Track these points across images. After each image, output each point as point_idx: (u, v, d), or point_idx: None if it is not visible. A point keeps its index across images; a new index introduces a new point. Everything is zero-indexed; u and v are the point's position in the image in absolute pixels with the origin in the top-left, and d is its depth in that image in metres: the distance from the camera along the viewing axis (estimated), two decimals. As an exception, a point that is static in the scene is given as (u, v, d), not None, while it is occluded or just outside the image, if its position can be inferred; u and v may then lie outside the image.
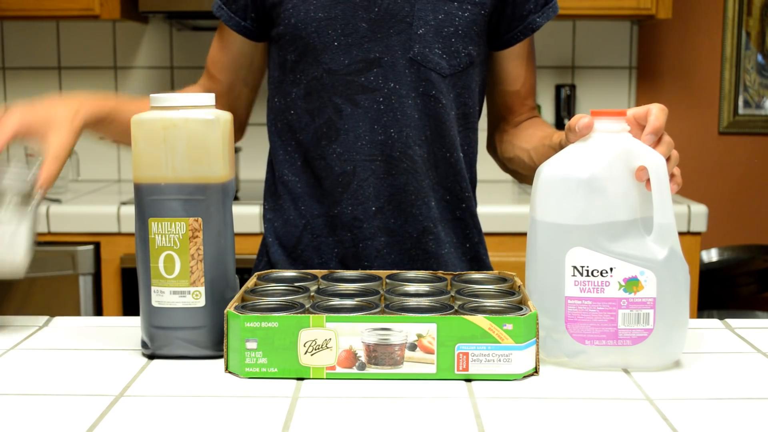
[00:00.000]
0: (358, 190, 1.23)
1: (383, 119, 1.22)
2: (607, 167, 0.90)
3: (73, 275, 2.27)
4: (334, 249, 1.26)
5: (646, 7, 2.48)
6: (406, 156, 1.23)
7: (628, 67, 2.85)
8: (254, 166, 2.84)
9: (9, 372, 0.91)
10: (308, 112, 1.24)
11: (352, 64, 1.21)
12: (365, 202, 1.24)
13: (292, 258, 1.30)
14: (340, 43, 1.21)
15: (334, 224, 1.25)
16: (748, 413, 0.80)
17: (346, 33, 1.21)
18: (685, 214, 2.30)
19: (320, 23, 1.21)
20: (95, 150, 2.83)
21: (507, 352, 0.87)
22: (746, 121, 2.84)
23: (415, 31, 1.20)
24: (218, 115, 0.94)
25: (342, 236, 1.25)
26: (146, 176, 0.93)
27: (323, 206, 1.26)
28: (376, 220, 1.24)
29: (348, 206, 1.24)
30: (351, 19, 1.20)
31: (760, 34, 2.81)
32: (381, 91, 1.21)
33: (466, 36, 1.22)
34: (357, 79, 1.21)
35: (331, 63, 1.22)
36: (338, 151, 1.23)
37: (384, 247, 1.25)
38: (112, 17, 2.48)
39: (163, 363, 0.94)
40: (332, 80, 1.22)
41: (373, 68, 1.21)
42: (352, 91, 1.22)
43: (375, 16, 1.20)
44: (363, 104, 1.22)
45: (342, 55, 1.21)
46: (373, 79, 1.21)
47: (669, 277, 0.90)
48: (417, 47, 1.21)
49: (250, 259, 2.27)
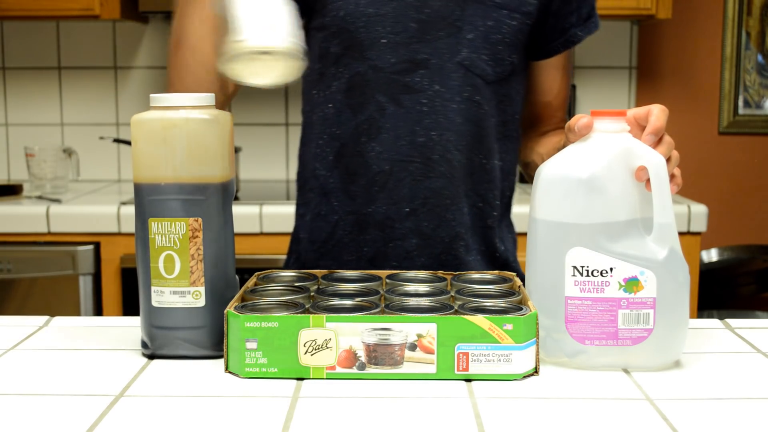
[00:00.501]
0: (394, 190, 1.22)
1: (425, 121, 1.21)
2: (607, 167, 0.90)
3: (73, 275, 2.27)
4: (363, 247, 1.25)
5: (646, 7, 2.48)
6: (445, 160, 1.22)
7: (628, 67, 2.85)
8: (254, 166, 2.84)
9: (9, 372, 0.91)
10: (349, 107, 1.23)
11: (399, 63, 1.20)
12: (399, 203, 1.22)
13: (321, 253, 1.28)
14: (389, 41, 1.19)
15: (366, 222, 1.24)
16: (748, 413, 0.80)
17: (395, 31, 1.19)
18: (685, 214, 2.31)
19: (370, 18, 1.19)
20: (95, 150, 2.83)
21: (507, 352, 0.87)
22: (746, 121, 2.85)
23: (465, 35, 1.19)
24: (218, 115, 0.94)
25: (373, 235, 1.24)
26: (146, 176, 0.93)
27: (356, 203, 1.24)
28: (408, 222, 1.23)
29: (382, 205, 1.23)
30: (401, 18, 1.19)
31: (760, 34, 2.81)
32: (425, 93, 1.20)
33: (511, 44, 1.22)
34: (402, 78, 1.20)
35: (377, 60, 1.20)
36: (377, 149, 1.22)
37: (414, 249, 1.24)
38: (112, 17, 2.48)
39: (163, 363, 0.94)
40: (377, 77, 1.21)
41: (419, 69, 1.20)
42: (397, 91, 1.20)
43: (425, 17, 1.19)
44: (406, 104, 1.21)
45: (389, 53, 1.20)
46: (418, 80, 1.20)
47: (669, 277, 0.90)
48: (465, 51, 1.20)
49: (250, 259, 2.29)
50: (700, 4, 2.82)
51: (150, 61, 2.82)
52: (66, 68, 2.83)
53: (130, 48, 2.82)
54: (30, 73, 2.83)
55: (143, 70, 2.82)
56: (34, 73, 2.83)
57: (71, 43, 2.81)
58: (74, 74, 2.83)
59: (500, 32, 1.21)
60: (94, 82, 2.83)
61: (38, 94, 2.84)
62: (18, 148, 2.84)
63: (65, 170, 2.57)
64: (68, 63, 2.82)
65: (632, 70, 2.85)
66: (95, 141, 2.83)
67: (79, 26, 2.80)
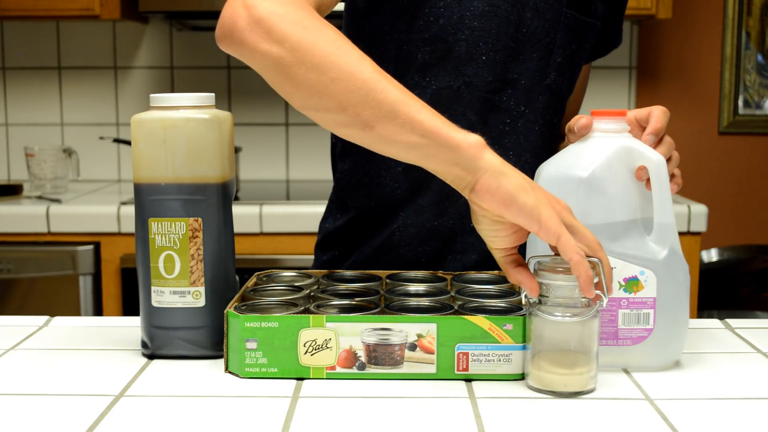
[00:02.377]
0: (464, 206, 1.16)
1: (505, 141, 1.18)
2: (607, 167, 0.90)
3: (73, 275, 2.27)
4: (422, 258, 1.21)
5: (646, 7, 2.48)
6: None
7: (628, 67, 2.84)
8: (254, 166, 2.84)
9: (9, 372, 0.91)
10: None
11: (494, 82, 1.16)
12: (465, 217, 1.18)
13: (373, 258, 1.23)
14: (489, 59, 1.15)
15: (429, 235, 1.20)
16: (748, 413, 0.80)
17: (496, 49, 1.15)
18: (685, 214, 2.30)
19: (473, 32, 1.14)
20: (95, 150, 2.83)
21: (507, 352, 0.87)
22: (746, 121, 2.84)
23: (555, 59, 1.18)
24: (218, 115, 0.94)
25: (433, 246, 1.20)
26: (146, 176, 0.93)
27: (421, 217, 1.20)
28: (471, 237, 1.19)
29: (449, 220, 1.19)
30: (503, 36, 1.15)
31: (760, 34, 2.81)
32: (510, 113, 1.17)
33: (580, 62, 1.23)
34: (492, 97, 1.17)
35: (474, 77, 1.15)
36: None
37: (473, 265, 1.20)
38: (112, 17, 2.48)
39: (163, 363, 0.94)
40: (470, 94, 1.16)
41: (508, 89, 1.17)
42: (486, 109, 1.17)
43: (522, 36, 1.16)
44: (490, 123, 1.17)
45: (487, 71, 1.15)
46: (505, 100, 1.17)
47: (669, 277, 0.90)
48: (553, 75, 1.18)
49: (250, 259, 2.29)
50: (700, 4, 2.82)
51: (150, 61, 2.82)
52: (66, 68, 2.83)
53: (130, 48, 2.82)
54: (30, 73, 2.83)
55: (143, 70, 2.82)
56: (34, 73, 2.83)
57: (71, 43, 2.81)
58: (74, 74, 2.83)
59: (580, 55, 1.21)
60: (94, 82, 2.83)
61: (38, 94, 2.84)
62: (18, 148, 2.84)
63: (65, 170, 2.57)
64: (68, 63, 2.82)
65: (632, 70, 2.85)
66: (95, 141, 2.82)
67: (79, 26, 2.80)
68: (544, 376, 0.84)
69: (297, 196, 2.56)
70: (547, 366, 0.84)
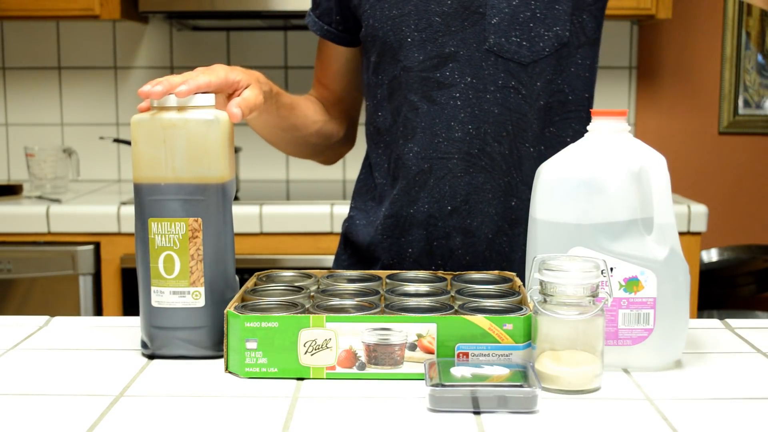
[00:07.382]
0: (435, 189, 1.20)
1: (460, 115, 1.18)
2: (607, 167, 0.90)
3: (73, 275, 2.27)
4: (408, 249, 1.23)
5: (646, 7, 2.48)
6: (484, 153, 1.19)
7: (628, 67, 2.84)
8: (254, 166, 2.84)
9: (9, 372, 0.91)
10: (391, 113, 1.23)
11: (427, 60, 1.18)
12: (441, 200, 1.20)
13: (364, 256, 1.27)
14: (414, 39, 1.18)
15: (409, 223, 1.22)
16: (748, 413, 0.80)
17: (419, 28, 1.18)
18: (685, 214, 2.30)
19: (395, 20, 1.19)
20: (95, 150, 2.83)
21: (507, 352, 0.87)
22: (746, 121, 2.84)
23: (489, 21, 1.16)
24: (218, 115, 0.94)
25: (416, 235, 1.22)
26: (146, 176, 0.93)
27: (395, 206, 1.23)
28: (452, 220, 1.20)
29: (424, 205, 1.21)
30: (424, 13, 1.18)
31: (760, 34, 2.81)
32: (457, 87, 1.18)
33: (547, 18, 1.17)
34: (432, 75, 1.18)
35: (406, 60, 1.19)
36: (415, 149, 1.20)
37: (459, 247, 1.21)
38: (112, 17, 2.48)
39: (163, 363, 0.94)
40: (408, 78, 1.19)
41: (449, 63, 1.18)
42: (428, 88, 1.19)
43: (448, 9, 1.17)
44: (439, 101, 1.18)
45: (417, 51, 1.18)
46: (449, 75, 1.18)
47: (669, 277, 0.90)
48: (492, 38, 1.17)
49: (250, 259, 2.29)
50: (700, 4, 2.82)
51: (150, 61, 2.82)
52: (66, 68, 2.83)
53: (130, 48, 2.82)
54: (30, 73, 2.83)
55: (143, 70, 2.82)
56: (34, 73, 2.83)
57: (71, 43, 2.81)
58: (74, 74, 2.83)
59: (528, 9, 1.16)
60: (94, 82, 2.83)
61: (38, 94, 2.84)
62: (18, 148, 2.84)
63: (65, 170, 2.57)
64: (68, 63, 2.82)
65: (632, 70, 2.85)
66: (95, 141, 2.82)
67: (79, 26, 2.80)
68: (549, 375, 0.84)
69: (297, 197, 2.56)
70: (552, 364, 0.84)
